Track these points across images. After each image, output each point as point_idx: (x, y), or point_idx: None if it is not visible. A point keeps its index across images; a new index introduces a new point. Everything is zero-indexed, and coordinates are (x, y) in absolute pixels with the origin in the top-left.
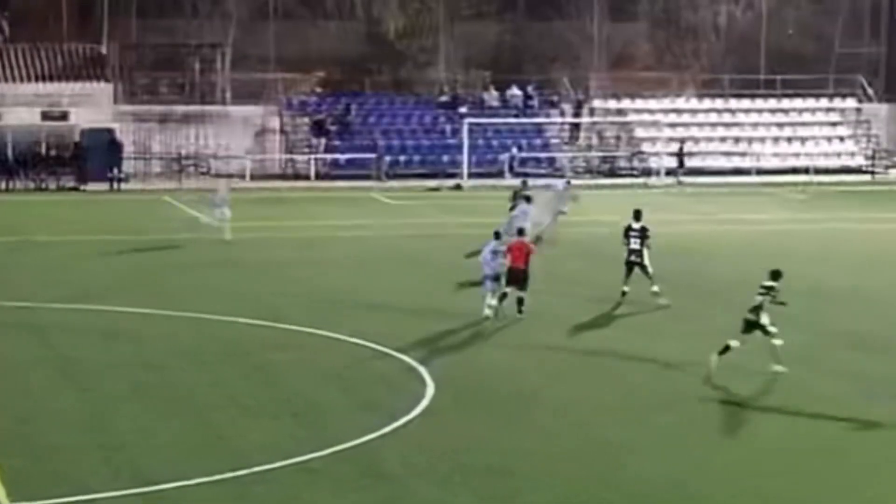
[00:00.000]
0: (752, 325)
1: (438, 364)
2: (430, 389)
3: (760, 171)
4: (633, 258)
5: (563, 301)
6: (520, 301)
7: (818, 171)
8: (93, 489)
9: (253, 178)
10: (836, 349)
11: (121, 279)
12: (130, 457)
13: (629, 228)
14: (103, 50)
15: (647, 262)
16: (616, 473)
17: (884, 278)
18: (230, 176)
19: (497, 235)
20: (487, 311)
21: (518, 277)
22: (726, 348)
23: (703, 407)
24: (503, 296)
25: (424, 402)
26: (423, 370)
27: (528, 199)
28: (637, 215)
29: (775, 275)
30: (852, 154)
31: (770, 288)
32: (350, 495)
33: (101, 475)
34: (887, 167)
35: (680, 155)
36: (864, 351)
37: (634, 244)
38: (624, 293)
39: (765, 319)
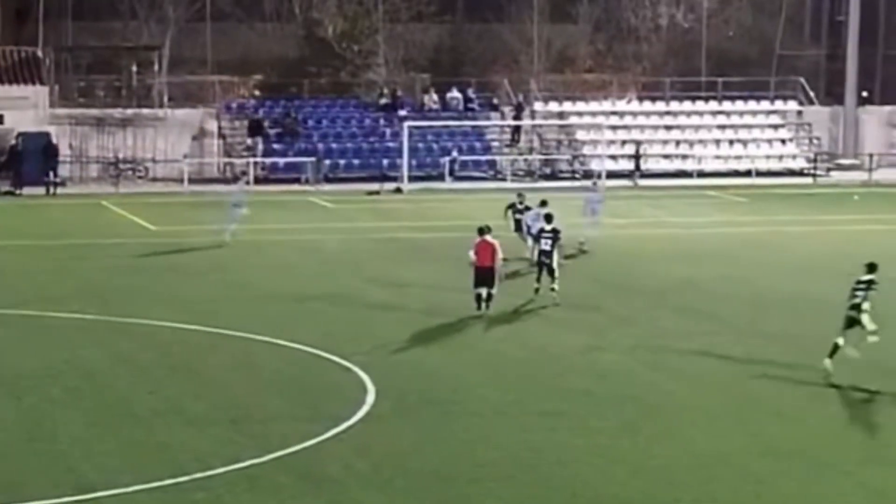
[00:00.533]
0: (853, 322)
1: (379, 368)
2: (372, 394)
3: (702, 174)
4: (543, 258)
5: (506, 303)
6: (488, 297)
7: (760, 174)
8: (31, 497)
9: (191, 181)
10: (776, 353)
11: (58, 284)
12: (68, 464)
13: (542, 230)
14: (39, 53)
15: (555, 264)
16: (558, 477)
17: (824, 282)
18: (171, 180)
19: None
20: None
21: (486, 276)
22: (836, 348)
23: (642, 410)
24: (478, 297)
25: (366, 408)
26: (364, 375)
27: (528, 208)
28: (549, 218)
29: (872, 267)
30: (794, 157)
31: (870, 282)
32: (291, 502)
33: (38, 483)
34: (829, 170)
35: (636, 157)
36: (805, 354)
37: (546, 245)
38: (536, 290)
39: (865, 316)
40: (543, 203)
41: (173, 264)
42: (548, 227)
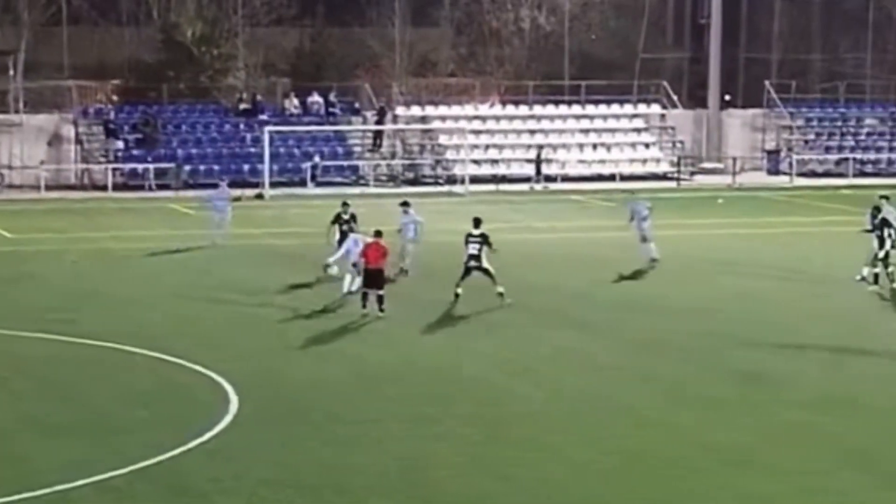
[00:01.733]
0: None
1: (243, 377)
2: (235, 403)
3: (566, 179)
4: (471, 263)
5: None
6: (380, 300)
7: (624, 178)
8: None
9: (48, 188)
10: (640, 358)
11: None
12: None
13: (469, 235)
14: None
15: (486, 265)
16: (425, 485)
17: (689, 286)
18: (28, 187)
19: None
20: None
21: (375, 278)
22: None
23: (508, 417)
24: (364, 295)
25: (229, 417)
26: (226, 384)
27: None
28: (477, 223)
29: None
30: (657, 160)
31: None
32: None
33: None
34: (692, 173)
35: (538, 161)
36: (666, 358)
37: (473, 250)
38: (457, 295)
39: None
40: (405, 203)
41: (30, 272)
42: (476, 232)
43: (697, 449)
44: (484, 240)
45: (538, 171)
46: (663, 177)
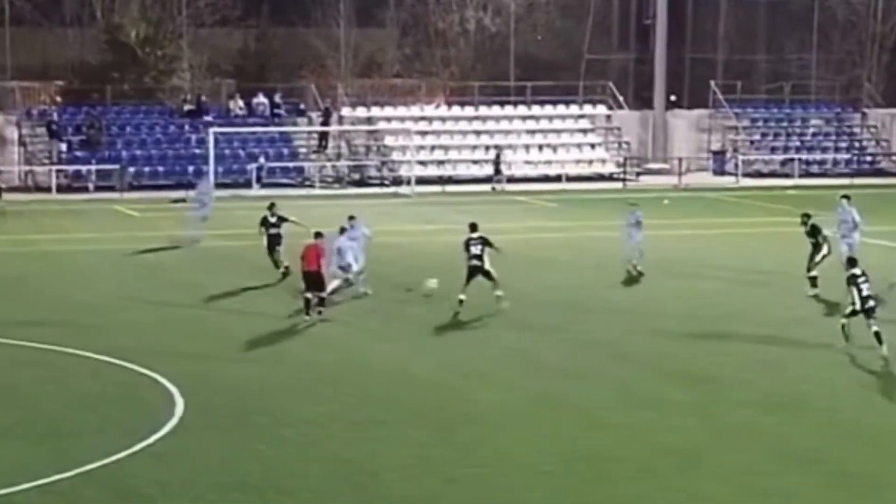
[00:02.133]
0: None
1: (189, 380)
2: (181, 406)
3: (512, 180)
4: (474, 262)
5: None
6: (321, 302)
7: (570, 179)
8: None
9: None
10: (584, 359)
11: None
12: None
13: (469, 239)
14: None
15: (489, 267)
16: (373, 488)
17: (633, 286)
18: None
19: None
20: None
21: (313, 280)
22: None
23: (455, 418)
24: (306, 301)
25: (175, 420)
26: (172, 387)
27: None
28: (473, 227)
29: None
30: (603, 161)
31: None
32: None
33: None
34: (638, 174)
35: (496, 163)
36: (613, 359)
37: (476, 250)
38: (461, 301)
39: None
40: (351, 218)
41: None
42: (475, 235)
43: (646, 450)
44: (484, 242)
45: (497, 172)
46: (609, 177)
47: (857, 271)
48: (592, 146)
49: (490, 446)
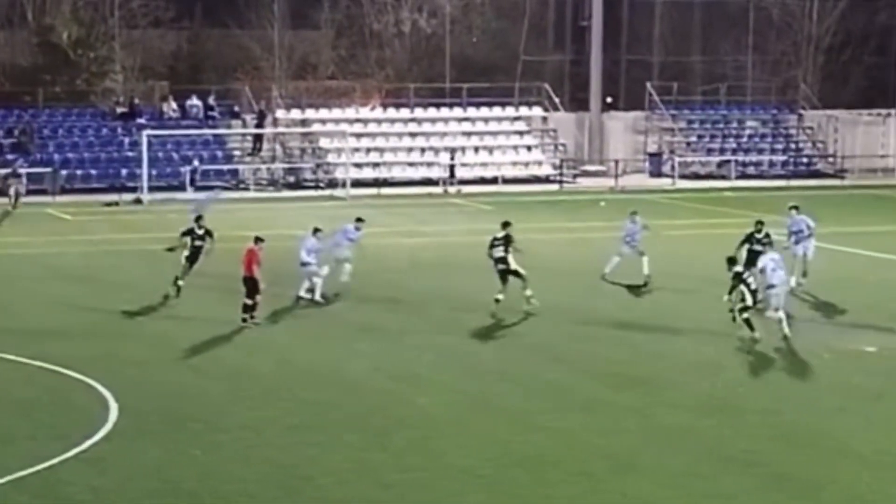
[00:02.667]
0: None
1: (122, 385)
2: (114, 412)
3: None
4: (500, 266)
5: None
6: (253, 307)
7: (506, 181)
8: None
9: None
10: (523, 361)
11: None
12: None
13: (494, 238)
14: None
15: (515, 266)
16: (309, 493)
17: (568, 289)
18: None
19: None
20: None
21: (247, 285)
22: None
23: (391, 422)
24: (243, 306)
25: (108, 426)
26: (105, 392)
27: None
28: (505, 225)
29: None
30: (540, 163)
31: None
32: None
33: None
34: (575, 176)
35: (451, 165)
36: (549, 362)
37: (499, 252)
38: (497, 301)
39: None
40: (316, 230)
41: None
42: (500, 235)
43: (582, 453)
44: (507, 241)
45: (452, 174)
46: (546, 179)
47: (739, 269)
48: (529, 148)
49: (426, 450)
